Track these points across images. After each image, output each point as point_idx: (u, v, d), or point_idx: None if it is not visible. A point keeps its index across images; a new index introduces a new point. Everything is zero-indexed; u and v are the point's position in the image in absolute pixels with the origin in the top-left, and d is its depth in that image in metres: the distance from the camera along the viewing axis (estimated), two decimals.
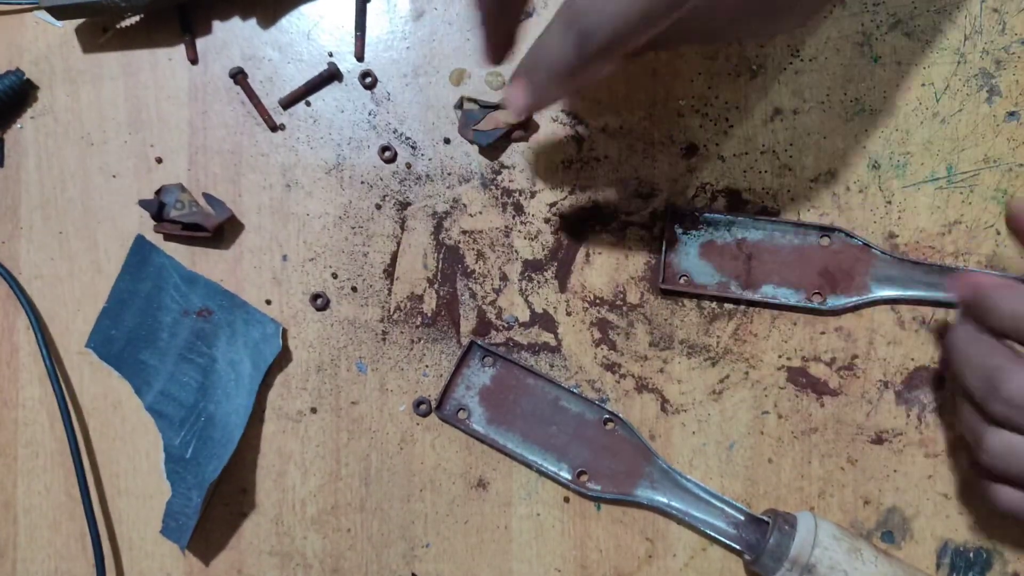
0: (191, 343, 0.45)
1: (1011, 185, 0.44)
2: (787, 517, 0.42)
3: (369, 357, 0.46)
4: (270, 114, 0.46)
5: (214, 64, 0.46)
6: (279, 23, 0.46)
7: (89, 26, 0.46)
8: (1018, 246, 0.44)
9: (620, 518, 0.45)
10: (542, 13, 0.46)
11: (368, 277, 0.46)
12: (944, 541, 0.44)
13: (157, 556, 0.46)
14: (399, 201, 0.46)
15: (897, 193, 0.44)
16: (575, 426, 0.45)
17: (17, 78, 0.45)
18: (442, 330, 0.46)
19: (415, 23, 0.46)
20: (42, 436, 0.46)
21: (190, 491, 0.44)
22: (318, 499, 0.46)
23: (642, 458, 0.44)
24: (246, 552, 0.46)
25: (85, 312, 0.46)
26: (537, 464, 0.45)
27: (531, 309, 0.46)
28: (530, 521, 0.45)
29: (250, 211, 0.46)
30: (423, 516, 0.46)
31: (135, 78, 0.46)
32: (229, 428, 0.44)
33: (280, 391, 0.46)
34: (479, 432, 0.45)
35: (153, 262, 0.45)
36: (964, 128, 0.44)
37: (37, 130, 0.47)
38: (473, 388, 0.45)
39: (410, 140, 0.46)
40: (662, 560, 0.45)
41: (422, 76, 0.46)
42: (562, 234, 0.46)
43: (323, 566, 0.46)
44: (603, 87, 0.46)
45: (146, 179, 0.46)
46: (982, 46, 0.44)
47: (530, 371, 0.45)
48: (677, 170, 0.45)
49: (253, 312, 0.45)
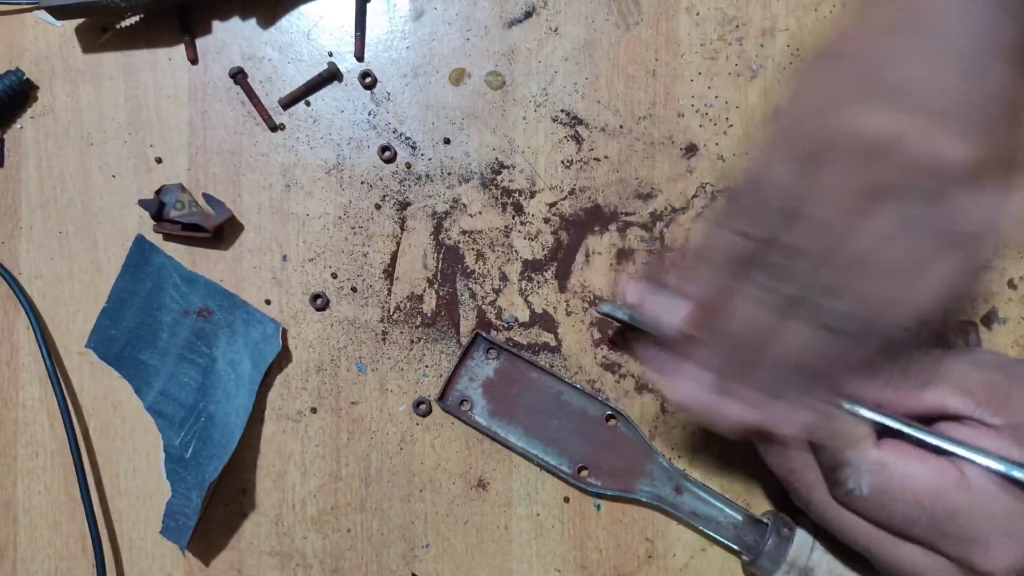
0: (191, 343, 0.45)
1: None
2: (786, 519, 0.42)
3: (369, 357, 0.46)
4: (270, 114, 0.46)
5: (214, 64, 0.46)
6: (279, 23, 0.46)
7: (89, 26, 0.46)
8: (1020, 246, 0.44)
9: (620, 518, 0.45)
10: (541, 13, 0.46)
11: (368, 277, 0.46)
12: None
13: (157, 556, 0.46)
14: (399, 201, 0.46)
15: None
16: (577, 421, 0.45)
17: (17, 78, 0.45)
18: (442, 330, 0.46)
19: (415, 23, 0.46)
20: (42, 436, 0.46)
21: (190, 491, 0.44)
22: (318, 499, 0.46)
23: (643, 456, 0.44)
24: (246, 552, 0.46)
25: (85, 312, 0.46)
26: (538, 458, 0.45)
27: (531, 309, 0.46)
28: (530, 521, 0.45)
29: (250, 211, 0.46)
30: (423, 516, 0.46)
31: (135, 78, 0.46)
32: (229, 428, 0.44)
33: (280, 391, 0.46)
34: (481, 424, 0.45)
35: (153, 262, 0.45)
36: None
37: (37, 130, 0.47)
38: (476, 380, 0.45)
39: (410, 140, 0.46)
40: (662, 560, 0.45)
41: (422, 76, 0.46)
42: (562, 234, 0.46)
43: (323, 566, 0.46)
44: (603, 87, 0.46)
45: (146, 179, 0.46)
46: None
47: (534, 365, 0.45)
48: (677, 170, 0.45)
49: (253, 312, 0.45)
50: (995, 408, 0.34)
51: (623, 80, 0.45)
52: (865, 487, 0.34)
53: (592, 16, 0.45)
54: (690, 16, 0.45)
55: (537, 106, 0.46)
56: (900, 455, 0.34)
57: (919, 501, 0.33)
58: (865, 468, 0.34)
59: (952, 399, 0.34)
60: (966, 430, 0.34)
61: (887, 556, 0.35)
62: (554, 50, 0.46)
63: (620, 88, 0.45)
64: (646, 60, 0.45)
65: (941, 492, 0.33)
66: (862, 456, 0.34)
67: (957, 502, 0.32)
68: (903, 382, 0.35)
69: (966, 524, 0.32)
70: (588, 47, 0.46)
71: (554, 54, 0.46)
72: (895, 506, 0.33)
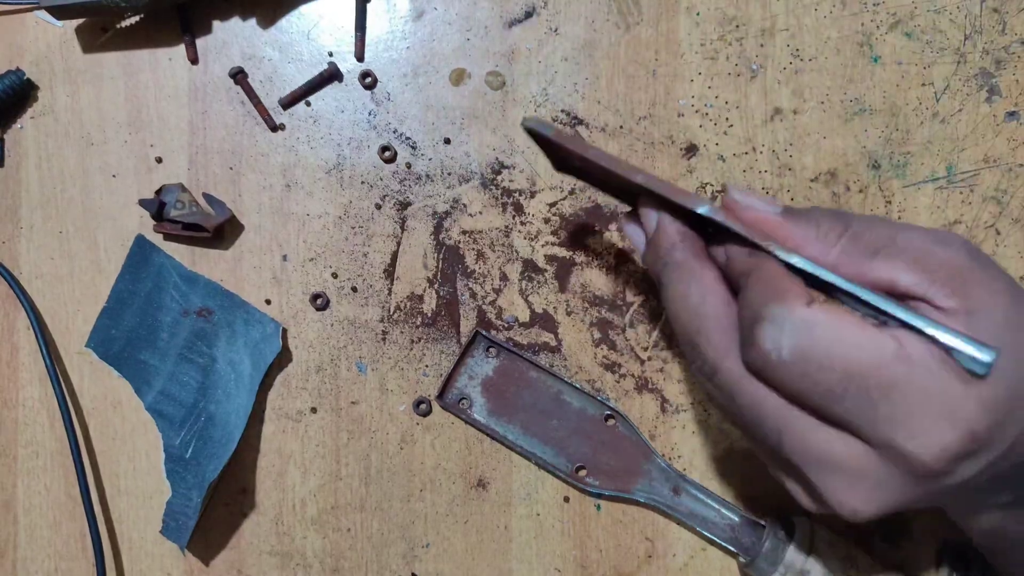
0: (191, 343, 0.45)
1: (1011, 185, 0.44)
2: (784, 521, 0.42)
3: (369, 357, 0.46)
4: (270, 114, 0.46)
5: (214, 64, 0.46)
6: (279, 23, 0.46)
7: (89, 26, 0.46)
8: (1020, 246, 0.44)
9: (620, 518, 0.45)
10: (541, 13, 0.46)
11: (368, 277, 0.46)
12: (943, 541, 0.44)
13: (157, 556, 0.46)
14: (399, 201, 0.46)
15: (897, 193, 0.44)
16: (576, 421, 0.45)
17: (17, 78, 0.45)
18: (442, 330, 0.46)
19: (415, 23, 0.46)
20: (42, 436, 0.46)
21: (190, 491, 0.44)
22: (318, 499, 0.46)
23: (641, 456, 0.44)
24: (246, 552, 0.46)
25: (85, 312, 0.46)
26: (536, 457, 0.45)
27: (531, 309, 0.46)
28: (530, 521, 0.45)
29: (250, 211, 0.46)
30: (423, 516, 0.46)
31: (135, 78, 0.46)
32: (229, 428, 0.44)
33: (280, 391, 0.46)
34: (479, 422, 0.45)
35: (153, 262, 0.45)
36: (964, 128, 0.44)
37: (37, 130, 0.47)
38: (476, 378, 0.45)
39: (410, 140, 0.46)
40: (662, 560, 0.45)
41: (422, 76, 0.46)
42: (562, 234, 0.46)
43: (323, 566, 0.46)
44: (603, 87, 0.46)
45: (146, 179, 0.46)
46: (982, 46, 0.44)
47: (533, 364, 0.45)
48: (677, 170, 0.45)
49: (253, 312, 0.45)
50: (952, 290, 0.29)
51: (623, 80, 0.45)
52: (786, 349, 0.29)
53: (592, 16, 0.45)
54: (690, 16, 0.45)
55: (537, 106, 0.46)
56: (831, 316, 0.29)
57: (848, 370, 0.28)
58: (789, 326, 0.29)
59: (905, 273, 0.30)
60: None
61: (798, 443, 0.30)
62: (554, 50, 0.46)
63: (620, 88, 0.45)
64: (646, 60, 0.45)
65: (875, 363, 0.28)
66: (787, 312, 0.29)
67: (893, 376, 0.28)
68: (852, 246, 0.31)
69: (899, 402, 0.28)
70: (588, 47, 0.46)
71: (554, 54, 0.46)
72: (819, 375, 0.29)
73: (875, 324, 0.29)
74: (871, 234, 0.31)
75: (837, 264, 0.31)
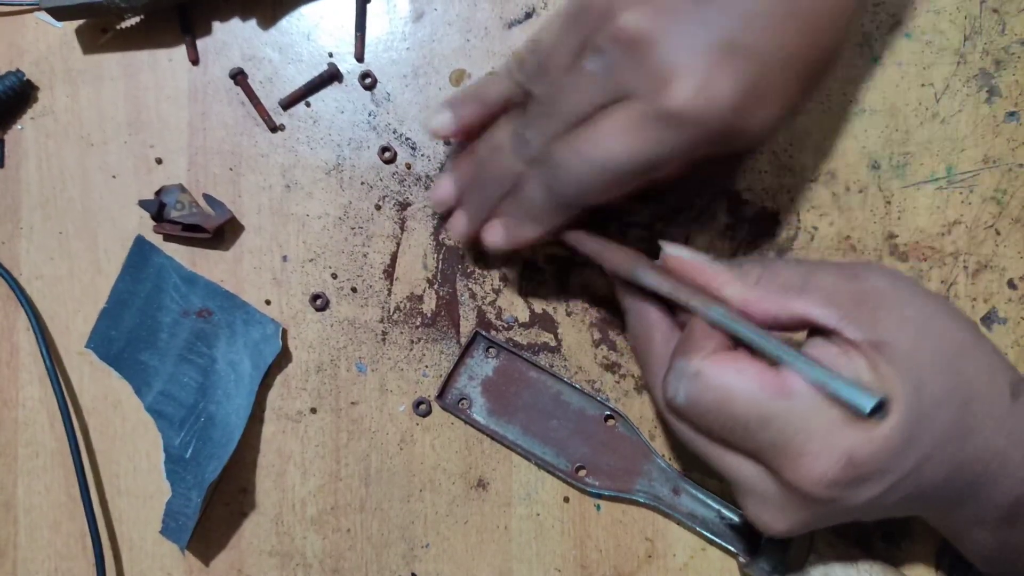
0: (191, 343, 0.45)
1: (1011, 185, 0.44)
2: None
3: (369, 357, 0.46)
4: (270, 115, 0.46)
5: (214, 65, 0.46)
6: (279, 24, 0.46)
7: (89, 27, 0.46)
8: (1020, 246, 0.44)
9: (620, 518, 0.45)
10: (542, 13, 0.46)
11: (368, 277, 0.46)
12: (944, 541, 0.44)
13: (157, 556, 0.46)
14: (399, 201, 0.46)
15: (897, 193, 0.45)
16: (576, 421, 0.45)
17: (17, 79, 0.45)
18: (442, 330, 0.46)
19: (415, 24, 0.46)
20: (42, 436, 0.47)
21: (190, 491, 0.44)
22: (318, 499, 0.46)
23: (641, 456, 0.44)
24: (246, 552, 0.46)
25: (85, 312, 0.46)
26: (536, 457, 0.45)
27: (531, 309, 0.46)
28: (530, 521, 0.45)
29: (250, 212, 0.46)
30: (423, 516, 0.46)
31: (135, 79, 0.46)
32: (229, 428, 0.44)
33: (280, 391, 0.46)
34: (479, 422, 0.45)
35: (153, 262, 0.46)
36: (964, 128, 0.44)
37: (37, 131, 0.47)
38: (476, 379, 0.45)
39: (410, 140, 0.46)
40: (662, 560, 0.45)
41: (422, 77, 0.46)
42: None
43: (323, 566, 0.46)
44: None
45: (146, 179, 0.46)
46: (982, 46, 0.44)
47: (533, 364, 0.45)
48: None
49: (253, 312, 0.45)
50: (859, 322, 0.32)
51: None
52: (681, 395, 0.33)
53: None
54: None
55: None
56: (721, 364, 0.32)
57: (732, 413, 0.32)
58: (685, 376, 0.33)
59: (817, 308, 0.32)
60: (828, 346, 0.32)
61: (716, 464, 0.35)
62: None
63: None
64: None
65: (756, 400, 0.31)
66: (684, 363, 0.33)
67: (772, 410, 0.31)
68: (770, 283, 0.34)
69: (778, 434, 0.31)
70: None
71: None
72: (709, 417, 0.33)
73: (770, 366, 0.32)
74: (787, 273, 0.34)
75: (758, 300, 0.33)
